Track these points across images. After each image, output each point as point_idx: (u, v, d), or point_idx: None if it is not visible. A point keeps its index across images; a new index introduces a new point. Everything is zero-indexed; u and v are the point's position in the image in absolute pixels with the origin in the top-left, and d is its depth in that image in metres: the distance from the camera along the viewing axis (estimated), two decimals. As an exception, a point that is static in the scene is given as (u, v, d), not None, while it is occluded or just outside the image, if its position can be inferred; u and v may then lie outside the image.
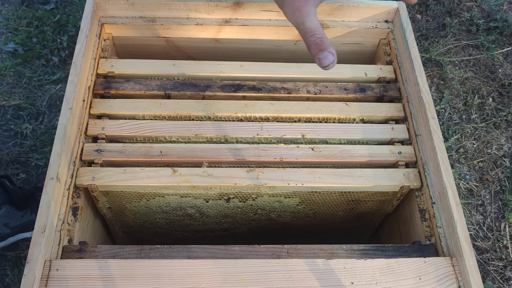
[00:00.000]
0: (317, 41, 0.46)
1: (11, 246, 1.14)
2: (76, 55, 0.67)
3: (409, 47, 0.72)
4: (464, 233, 0.55)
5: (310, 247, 0.58)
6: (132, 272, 0.52)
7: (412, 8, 1.64)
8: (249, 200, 0.67)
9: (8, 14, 1.56)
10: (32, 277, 0.50)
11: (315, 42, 0.46)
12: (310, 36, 0.47)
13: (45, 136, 1.32)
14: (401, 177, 0.64)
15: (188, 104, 0.69)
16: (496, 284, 1.15)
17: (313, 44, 0.47)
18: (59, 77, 1.43)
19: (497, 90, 1.46)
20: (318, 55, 0.46)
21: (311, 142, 0.67)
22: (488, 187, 1.30)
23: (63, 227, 0.58)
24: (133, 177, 0.62)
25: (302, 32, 0.48)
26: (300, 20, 0.48)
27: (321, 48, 0.46)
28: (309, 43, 0.47)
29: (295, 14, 0.48)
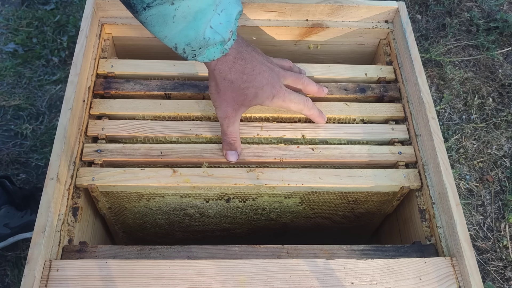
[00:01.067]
0: (231, 141, 0.62)
1: (11, 246, 1.14)
2: (76, 56, 0.67)
3: (409, 47, 0.72)
4: (464, 233, 0.55)
5: (310, 247, 0.58)
6: (132, 272, 0.52)
7: (412, 8, 1.64)
8: (249, 200, 0.67)
9: (8, 14, 1.56)
10: (32, 277, 0.50)
11: (229, 142, 0.62)
12: (229, 137, 0.61)
13: (45, 136, 1.32)
14: (401, 177, 0.64)
15: (188, 104, 0.69)
16: (496, 284, 1.15)
17: (227, 142, 0.62)
18: (59, 78, 1.43)
19: (497, 90, 1.47)
20: (227, 151, 0.62)
21: (311, 142, 0.68)
22: (488, 187, 1.30)
23: (63, 227, 0.58)
24: (133, 177, 0.62)
25: (224, 132, 0.61)
26: (226, 125, 0.60)
27: (232, 147, 0.62)
28: (225, 141, 0.62)
29: (225, 120, 0.60)
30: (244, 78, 0.57)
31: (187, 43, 0.51)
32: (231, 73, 0.56)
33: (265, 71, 0.59)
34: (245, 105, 0.60)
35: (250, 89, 0.58)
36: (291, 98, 0.61)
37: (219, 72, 0.56)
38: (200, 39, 0.51)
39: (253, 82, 0.58)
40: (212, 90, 0.59)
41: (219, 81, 0.57)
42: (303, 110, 0.63)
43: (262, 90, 0.58)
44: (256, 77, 0.58)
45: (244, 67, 0.57)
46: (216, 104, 0.60)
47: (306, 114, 0.65)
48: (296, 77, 0.64)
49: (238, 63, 0.56)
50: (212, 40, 0.51)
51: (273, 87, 0.59)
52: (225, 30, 0.52)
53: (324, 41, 0.81)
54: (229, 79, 0.57)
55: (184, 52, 0.52)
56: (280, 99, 0.60)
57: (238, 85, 0.57)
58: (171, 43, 0.51)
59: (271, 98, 0.60)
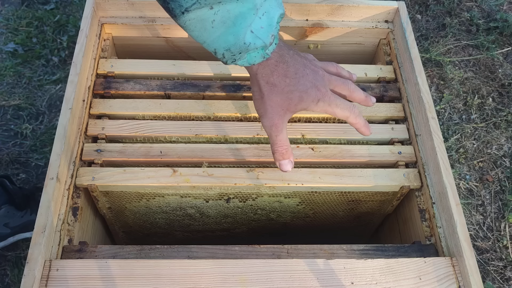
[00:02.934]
0: (283, 151, 0.58)
1: (11, 246, 1.14)
2: (76, 55, 0.67)
3: (409, 47, 0.72)
4: (464, 233, 0.55)
5: (310, 247, 0.58)
6: (132, 272, 0.52)
7: (412, 8, 1.64)
8: (249, 200, 0.67)
9: (8, 14, 1.56)
10: (32, 277, 0.50)
11: (281, 152, 0.58)
12: (280, 146, 0.58)
13: (45, 136, 1.32)
14: (401, 177, 0.64)
15: (188, 104, 0.69)
16: (496, 284, 1.15)
17: (279, 152, 0.58)
18: (59, 77, 1.43)
19: (497, 90, 1.47)
20: (280, 161, 0.59)
21: (311, 142, 0.68)
22: (488, 187, 1.30)
23: (63, 227, 0.58)
24: (133, 177, 0.62)
25: (273, 141, 0.58)
26: (274, 133, 0.57)
27: (284, 157, 0.59)
28: (276, 151, 0.58)
29: (272, 128, 0.57)
30: (287, 82, 0.55)
31: (226, 48, 0.50)
32: (274, 76, 0.55)
33: (308, 74, 0.57)
34: (290, 110, 0.57)
35: (294, 92, 0.56)
36: (337, 103, 0.58)
37: (262, 76, 0.55)
38: (240, 44, 0.49)
39: (297, 86, 0.56)
40: (255, 96, 0.57)
41: (262, 85, 0.55)
42: (349, 117, 0.60)
43: (307, 94, 0.56)
44: (299, 80, 0.56)
45: (286, 70, 0.55)
46: (261, 112, 0.57)
47: (351, 122, 0.61)
48: (342, 82, 0.61)
49: (280, 66, 0.55)
50: (253, 45, 0.50)
51: (318, 90, 0.57)
52: (266, 35, 0.50)
53: (324, 41, 0.81)
54: (272, 83, 0.55)
55: (223, 57, 0.51)
56: (325, 103, 0.58)
57: (282, 89, 0.55)
58: (211, 48, 0.50)
59: (316, 102, 0.57)
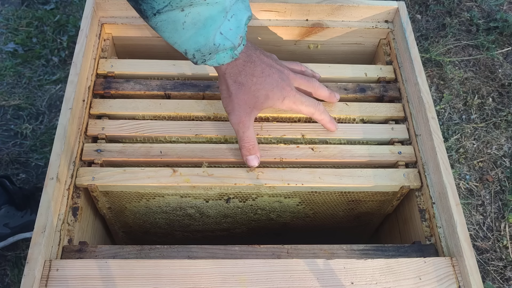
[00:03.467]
0: (250, 147, 0.60)
1: (11, 246, 1.14)
2: (76, 55, 0.67)
3: (409, 47, 0.72)
4: (464, 233, 0.55)
5: (310, 247, 0.58)
6: (132, 272, 0.52)
7: (412, 8, 1.64)
8: (249, 200, 0.67)
9: (8, 14, 1.56)
10: (32, 277, 0.50)
11: (248, 147, 0.60)
12: (246, 142, 0.60)
13: (45, 136, 1.32)
14: (401, 177, 0.64)
15: (188, 104, 0.69)
16: (496, 284, 1.15)
17: (246, 148, 0.60)
18: (59, 77, 1.43)
19: (497, 90, 1.47)
20: (247, 156, 0.61)
21: (311, 142, 0.68)
22: (488, 187, 1.30)
23: (63, 227, 0.58)
24: (133, 177, 0.62)
25: (241, 137, 0.60)
26: (241, 130, 0.59)
27: (251, 152, 0.60)
28: (243, 147, 0.60)
29: (239, 125, 0.59)
30: (254, 81, 0.58)
31: (197, 49, 0.51)
32: (241, 76, 0.57)
33: (274, 73, 0.59)
34: (257, 108, 0.60)
35: (260, 91, 0.58)
36: (302, 100, 0.61)
37: (230, 75, 0.57)
38: (210, 45, 0.51)
39: (263, 84, 0.58)
40: (224, 94, 0.60)
41: (230, 84, 0.58)
42: (314, 114, 0.63)
43: (273, 92, 0.59)
44: (266, 79, 0.58)
45: (253, 70, 0.57)
46: (228, 109, 0.60)
47: (317, 119, 0.64)
48: (307, 80, 0.63)
49: (248, 66, 0.57)
50: (222, 46, 0.52)
51: (283, 89, 0.59)
52: (235, 36, 0.52)
53: (324, 41, 0.81)
54: (239, 82, 0.57)
55: (194, 57, 0.53)
56: (290, 100, 0.60)
57: (249, 88, 0.58)
58: (181, 48, 0.52)
59: (281, 100, 0.60)
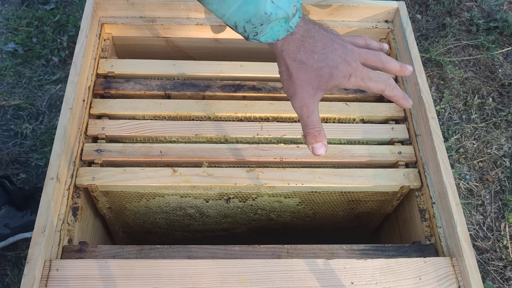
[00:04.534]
0: (315, 133, 0.54)
1: (11, 246, 1.14)
2: (76, 55, 0.67)
3: (409, 47, 0.72)
4: (464, 233, 0.55)
5: (310, 247, 0.58)
6: (132, 272, 0.52)
7: (412, 8, 1.64)
8: (249, 200, 0.67)
9: (8, 14, 1.56)
10: (32, 277, 0.50)
11: (314, 134, 0.54)
12: (311, 128, 0.54)
13: (45, 136, 1.32)
14: (401, 177, 0.64)
15: (188, 104, 0.69)
16: (496, 284, 1.15)
17: (311, 135, 0.54)
18: (59, 77, 1.43)
19: (497, 90, 1.46)
20: (313, 144, 0.54)
21: (311, 142, 0.67)
22: (488, 187, 1.30)
23: (63, 227, 0.58)
24: (133, 177, 0.62)
25: (305, 123, 0.54)
26: (306, 114, 0.54)
27: (317, 139, 0.54)
28: (308, 133, 0.54)
29: (303, 109, 0.54)
30: (315, 58, 0.53)
31: (247, 20, 0.47)
32: (301, 53, 0.52)
33: (337, 49, 0.54)
34: (321, 88, 0.54)
35: (324, 69, 0.53)
36: (370, 76, 0.55)
37: (288, 54, 0.52)
38: (261, 15, 0.47)
39: (326, 61, 0.53)
40: (283, 76, 0.54)
41: (289, 63, 0.53)
42: (385, 90, 0.56)
43: (337, 69, 0.53)
44: (328, 56, 0.53)
45: (313, 46, 0.53)
46: (290, 92, 0.55)
47: (388, 95, 0.57)
48: (373, 54, 0.58)
49: (307, 42, 0.52)
50: (275, 15, 0.47)
51: (348, 65, 0.54)
52: (288, 5, 0.48)
53: (324, 41, 0.80)
54: (299, 60, 0.52)
55: (244, 31, 0.49)
56: (358, 77, 0.55)
57: (311, 65, 0.53)
58: (230, 21, 0.48)
59: (347, 77, 0.54)
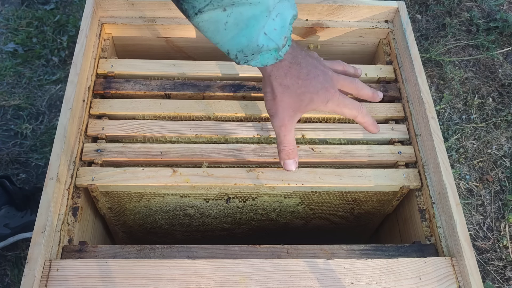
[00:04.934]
0: (289, 151, 0.60)
1: (11, 246, 1.14)
2: (76, 55, 0.67)
3: (409, 47, 0.72)
4: (464, 233, 0.55)
5: (310, 247, 0.58)
6: (132, 272, 0.52)
7: (412, 8, 1.64)
8: (249, 200, 0.67)
9: (8, 14, 1.56)
10: (32, 277, 0.50)
11: (287, 151, 0.60)
12: (286, 146, 0.59)
13: (45, 136, 1.32)
14: (401, 177, 0.64)
15: (188, 104, 0.69)
16: (496, 284, 1.15)
17: (285, 152, 0.60)
18: (59, 77, 1.43)
19: (497, 90, 1.47)
20: (286, 161, 0.60)
21: (311, 142, 0.68)
22: (488, 187, 1.30)
23: (63, 227, 0.58)
24: (133, 177, 0.62)
25: (281, 141, 0.59)
26: (283, 133, 0.59)
27: (290, 156, 0.60)
28: (283, 150, 0.60)
29: (281, 128, 0.58)
30: (299, 83, 0.56)
31: (239, 50, 0.50)
32: (287, 78, 0.56)
33: (319, 75, 0.58)
34: (300, 111, 0.58)
35: (306, 94, 0.57)
36: (345, 103, 0.59)
37: (275, 78, 0.56)
38: (253, 46, 0.50)
39: (308, 87, 0.57)
40: (268, 97, 0.58)
41: (275, 86, 0.56)
42: (357, 116, 0.61)
43: (317, 95, 0.57)
44: (311, 82, 0.57)
45: (299, 72, 0.56)
46: (272, 112, 0.58)
47: (359, 122, 0.62)
48: (350, 81, 0.62)
49: (293, 68, 0.55)
50: (266, 47, 0.50)
51: (327, 92, 0.58)
52: (279, 37, 0.51)
53: (324, 41, 0.81)
54: (285, 85, 0.56)
55: (236, 58, 0.52)
56: (334, 103, 0.59)
57: (295, 91, 0.56)
58: (224, 49, 0.51)
59: (325, 103, 0.58)
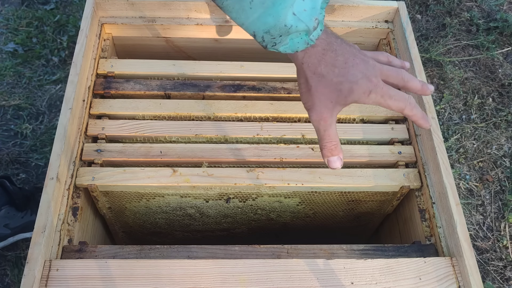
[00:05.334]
0: (332, 147, 0.54)
1: (11, 246, 1.14)
2: (76, 55, 0.67)
3: (409, 47, 0.72)
4: (464, 233, 0.55)
5: (310, 247, 0.58)
6: (132, 272, 0.52)
7: (412, 8, 1.64)
8: (249, 200, 0.67)
9: (8, 14, 1.56)
10: (32, 277, 0.50)
11: (330, 148, 0.54)
12: (328, 142, 0.54)
13: (45, 136, 1.32)
14: (401, 177, 0.64)
15: (188, 104, 0.69)
16: (496, 284, 1.15)
17: (328, 148, 0.55)
18: (59, 77, 1.43)
19: (497, 90, 1.46)
20: (329, 158, 0.55)
21: (311, 142, 0.67)
22: (488, 187, 1.30)
23: (63, 227, 0.58)
24: (133, 177, 0.62)
25: (322, 136, 0.55)
26: (323, 128, 0.54)
27: (333, 153, 0.55)
28: (325, 147, 0.55)
29: (320, 123, 0.54)
30: (336, 72, 0.52)
31: (266, 31, 0.47)
32: (321, 66, 0.52)
33: (359, 64, 0.53)
34: (340, 103, 0.54)
35: (344, 83, 0.52)
36: (390, 94, 0.54)
37: (308, 66, 0.52)
38: (280, 27, 0.46)
39: (346, 76, 0.52)
40: (302, 89, 0.54)
41: (309, 76, 0.52)
42: (404, 109, 0.55)
43: (357, 85, 0.53)
44: (349, 70, 0.52)
45: (335, 60, 0.52)
46: (308, 105, 0.54)
47: (407, 115, 0.56)
48: (395, 71, 0.56)
49: (328, 55, 0.51)
50: (295, 28, 0.47)
51: (369, 81, 0.53)
52: (309, 18, 0.47)
53: (324, 41, 0.80)
54: (319, 73, 0.52)
55: (263, 40, 0.48)
56: (378, 94, 0.54)
57: (331, 79, 0.52)
58: (249, 30, 0.47)
59: (367, 94, 0.53)
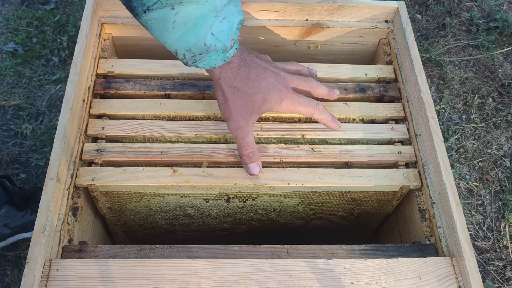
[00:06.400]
0: (250, 154, 0.59)
1: (11, 246, 1.14)
2: (76, 55, 0.67)
3: (409, 47, 0.72)
4: (464, 233, 0.55)
5: (310, 247, 0.58)
6: (132, 272, 0.52)
7: (412, 8, 1.64)
8: (249, 200, 0.67)
9: (8, 14, 1.56)
10: (32, 277, 0.50)
11: (248, 155, 0.59)
12: (246, 149, 0.59)
13: (45, 136, 1.32)
14: (401, 177, 0.64)
15: (188, 104, 0.69)
16: (496, 284, 1.15)
17: (246, 155, 0.59)
18: (59, 77, 1.43)
19: (497, 90, 1.47)
20: (248, 164, 0.60)
21: (311, 142, 0.68)
22: (488, 187, 1.30)
23: (63, 227, 0.58)
24: (133, 177, 0.62)
25: (240, 144, 0.59)
26: (240, 136, 0.59)
27: (252, 160, 0.60)
28: (243, 154, 0.59)
29: (238, 131, 0.58)
30: (249, 84, 0.57)
31: (187, 49, 0.51)
32: (236, 80, 0.56)
33: (270, 76, 0.58)
34: (255, 112, 0.59)
35: (257, 94, 0.58)
36: (300, 101, 0.60)
37: (225, 80, 0.56)
38: (200, 45, 0.50)
39: (259, 88, 0.57)
40: (220, 101, 0.59)
41: (225, 89, 0.57)
42: (314, 114, 0.61)
43: (270, 95, 0.58)
44: (261, 82, 0.57)
45: (248, 73, 0.57)
46: (226, 115, 0.59)
47: (317, 119, 0.63)
48: (304, 80, 0.62)
49: (242, 70, 0.56)
50: (214, 47, 0.51)
51: (280, 91, 0.59)
52: (226, 38, 0.52)
53: (324, 41, 0.81)
54: (235, 86, 0.57)
55: (184, 57, 0.52)
56: (288, 102, 0.59)
57: (245, 91, 0.57)
58: (172, 48, 0.51)
59: (279, 102, 0.59)
